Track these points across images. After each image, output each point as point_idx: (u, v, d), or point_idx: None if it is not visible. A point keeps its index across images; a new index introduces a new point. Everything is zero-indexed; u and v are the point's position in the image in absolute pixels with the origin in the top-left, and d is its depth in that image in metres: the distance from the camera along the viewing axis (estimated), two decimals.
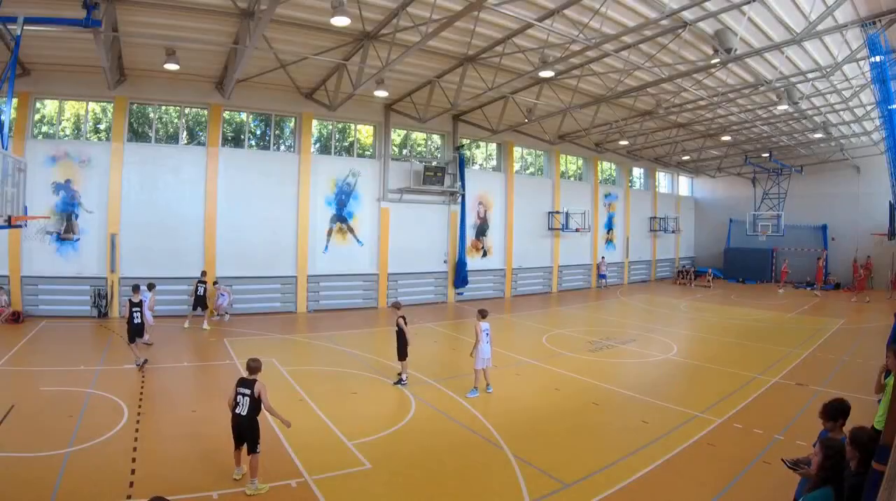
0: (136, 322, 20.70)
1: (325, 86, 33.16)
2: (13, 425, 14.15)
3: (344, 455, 13.17)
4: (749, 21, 22.71)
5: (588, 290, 51.30)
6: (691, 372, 22.32)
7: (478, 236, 43.86)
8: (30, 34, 20.48)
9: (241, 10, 22.63)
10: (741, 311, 38.84)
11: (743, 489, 11.72)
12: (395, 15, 22.86)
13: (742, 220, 57.18)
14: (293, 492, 11.29)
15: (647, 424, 15.62)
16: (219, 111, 33.11)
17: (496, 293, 45.03)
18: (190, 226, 32.23)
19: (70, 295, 29.95)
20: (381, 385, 19.32)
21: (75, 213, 30.12)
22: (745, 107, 37.33)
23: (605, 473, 12.31)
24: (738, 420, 15.93)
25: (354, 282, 37.69)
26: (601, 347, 26.16)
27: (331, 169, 36.70)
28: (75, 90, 30.41)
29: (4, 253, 28.95)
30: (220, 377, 19.92)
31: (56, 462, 12.04)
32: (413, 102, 36.46)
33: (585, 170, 54.14)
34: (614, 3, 21.78)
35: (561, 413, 16.77)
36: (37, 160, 28.80)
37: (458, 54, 28.30)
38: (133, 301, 20.86)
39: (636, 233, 58.88)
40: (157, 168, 31.71)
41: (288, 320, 32.45)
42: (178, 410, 15.54)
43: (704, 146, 49.95)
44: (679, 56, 25.86)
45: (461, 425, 15.55)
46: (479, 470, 12.57)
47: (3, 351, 21.98)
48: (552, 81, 32.32)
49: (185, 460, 12.22)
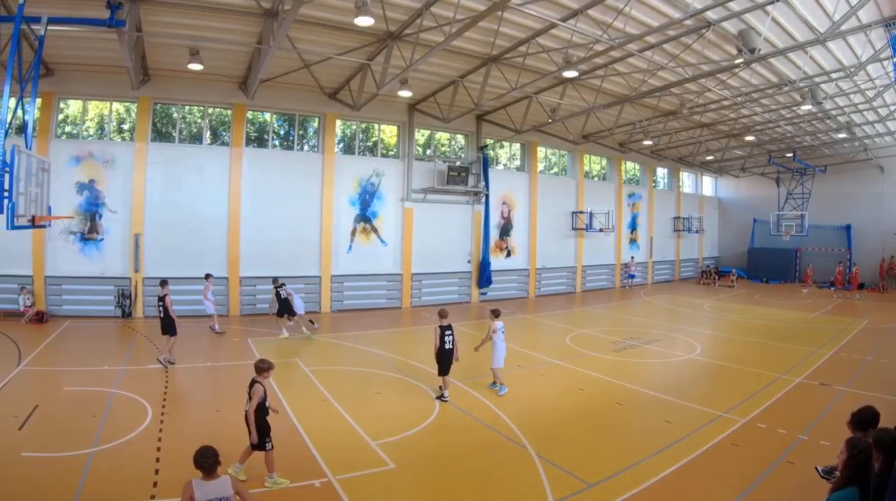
0: (161, 316, 21.15)
1: (348, 86, 33.14)
2: (37, 425, 14.25)
3: (368, 455, 13.16)
4: (773, 21, 22.52)
5: (612, 290, 51.10)
6: (715, 371, 22.21)
7: (502, 236, 43.80)
8: (53, 34, 20.57)
9: (264, 10, 22.68)
10: (765, 311, 38.66)
11: (767, 489, 11.62)
12: (418, 15, 22.87)
13: (766, 220, 57.15)
14: (317, 492, 11.30)
15: (671, 424, 15.56)
16: (243, 111, 33.17)
17: (520, 293, 44.96)
18: (214, 226, 32.33)
19: (94, 295, 30.06)
20: (405, 385, 19.32)
21: (99, 213, 30.28)
22: (769, 108, 37.11)
23: (629, 473, 12.26)
24: (762, 421, 15.83)
25: (378, 282, 37.69)
26: (625, 347, 26.07)
27: (354, 169, 36.72)
28: (99, 90, 30.56)
29: (28, 253, 29.12)
30: (243, 377, 19.60)
31: (80, 462, 12.09)
32: (437, 102, 36.43)
33: (609, 170, 53.93)
34: (638, 3, 21.67)
35: (585, 413, 16.72)
36: (60, 160, 28.97)
37: (481, 54, 28.29)
38: (159, 295, 21.31)
39: (660, 233, 58.64)
40: (180, 168, 31.85)
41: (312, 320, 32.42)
42: (201, 410, 15.58)
43: (728, 146, 49.68)
44: (703, 56, 25.74)
45: (485, 425, 15.50)
46: (502, 470, 12.52)
47: (27, 351, 22.13)
48: (576, 81, 32.24)
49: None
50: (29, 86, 16.02)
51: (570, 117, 37.61)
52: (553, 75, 29.39)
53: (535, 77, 29.95)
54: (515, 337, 27.72)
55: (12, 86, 14.56)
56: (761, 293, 49.54)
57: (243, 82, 32.18)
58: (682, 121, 41.42)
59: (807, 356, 24.39)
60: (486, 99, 32.88)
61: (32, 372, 19.52)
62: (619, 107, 36.10)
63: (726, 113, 39.41)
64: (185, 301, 29.76)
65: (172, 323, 21.17)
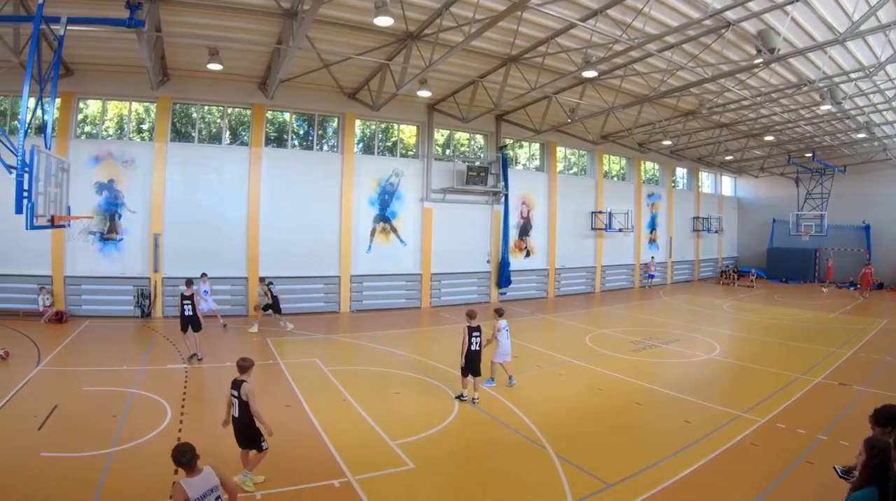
0: (187, 314, 21.49)
1: (368, 86, 33.14)
2: (56, 425, 14.30)
3: (387, 455, 13.17)
4: (792, 21, 22.47)
5: (631, 290, 51.05)
6: (734, 371, 22.10)
7: (521, 236, 43.74)
8: (73, 34, 20.74)
9: (284, 10, 22.69)
10: (784, 311, 38.52)
11: (786, 489, 11.60)
12: (438, 15, 22.85)
13: (785, 220, 57.11)
14: (336, 492, 11.29)
15: (690, 424, 15.52)
16: (262, 111, 33.21)
17: (539, 293, 44.92)
18: (233, 226, 32.40)
19: (113, 295, 30.15)
20: (425, 385, 19.30)
21: (118, 213, 30.39)
22: (789, 108, 36.95)
23: (649, 473, 12.24)
24: (782, 420, 15.79)
25: (398, 282, 37.70)
26: (644, 347, 26.02)
27: (374, 169, 36.72)
28: (118, 90, 30.67)
29: (48, 254, 29.25)
30: (263, 377, 19.81)
31: (99, 462, 12.14)
32: (456, 102, 36.33)
33: (628, 170, 53.80)
34: (657, 3, 21.64)
35: (604, 413, 16.69)
36: (80, 160, 29.06)
37: (501, 54, 28.28)
38: (185, 294, 21.65)
39: (679, 233, 58.46)
40: (199, 168, 31.94)
41: (331, 320, 32.50)
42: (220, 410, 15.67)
43: (748, 146, 49.70)
44: (722, 56, 25.70)
45: (504, 425, 15.47)
46: (522, 470, 12.50)
47: (47, 351, 22.22)
48: (595, 81, 32.17)
49: (228, 460, 12.12)
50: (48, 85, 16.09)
51: (589, 117, 37.66)
52: (572, 75, 29.38)
53: (555, 77, 29.88)
54: (535, 337, 27.93)
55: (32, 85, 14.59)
56: (780, 293, 49.43)
57: (263, 82, 32.19)
58: (701, 121, 41.32)
59: (826, 356, 24.32)
60: (506, 99, 32.77)
61: (52, 372, 19.59)
62: (638, 108, 36.08)
63: (745, 113, 39.31)
64: None
65: (198, 320, 21.71)
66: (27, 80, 14.35)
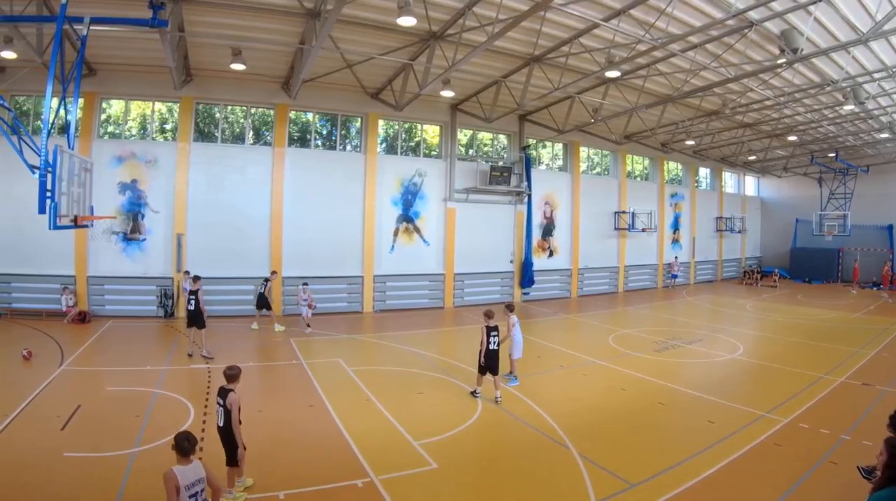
0: (190, 308, 21.92)
1: (391, 86, 33.20)
2: (80, 425, 14.37)
3: (410, 455, 13.17)
4: (815, 21, 22.34)
5: (654, 290, 50.92)
6: (757, 371, 21.97)
7: (544, 236, 43.69)
8: (96, 34, 20.82)
9: (307, 10, 22.74)
10: (807, 311, 38.28)
11: (810, 489, 11.54)
12: (461, 15, 22.86)
13: (808, 220, 56.91)
14: (359, 491, 11.31)
15: (714, 424, 15.46)
16: (285, 111, 33.27)
17: (562, 293, 44.84)
18: (256, 226, 32.46)
19: (136, 294, 30.27)
20: (448, 385, 19.30)
21: (141, 213, 30.52)
22: (812, 108, 36.73)
23: (672, 473, 12.20)
24: (805, 420, 15.72)
25: (421, 282, 37.71)
26: (667, 347, 25.93)
27: (397, 169, 36.76)
28: (141, 90, 30.82)
29: (71, 254, 29.43)
30: (286, 377, 20.06)
31: (122, 462, 12.18)
32: (479, 102, 36.32)
33: (652, 170, 53.66)
34: (680, 3, 21.59)
35: (627, 412, 16.66)
36: (103, 160, 29.26)
37: (524, 54, 28.24)
38: (191, 289, 22.12)
39: (702, 233, 58.24)
40: (223, 168, 32.05)
41: (354, 320, 32.52)
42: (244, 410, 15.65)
43: (771, 146, 49.50)
44: (745, 56, 25.59)
45: (527, 425, 15.44)
46: (545, 470, 12.49)
47: (70, 351, 22.35)
48: (618, 81, 32.13)
49: (251, 460, 12.12)
50: (71, 86, 16.14)
51: (612, 117, 37.59)
52: (595, 75, 29.32)
53: (578, 77, 29.81)
54: (558, 337, 28.04)
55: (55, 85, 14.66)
56: (804, 293, 49.12)
57: (286, 82, 32.25)
58: (724, 121, 41.22)
59: (849, 356, 24.17)
60: (529, 99, 32.73)
61: (75, 372, 19.68)
62: (661, 108, 36.01)
63: (769, 113, 39.08)
64: (228, 300, 30.55)
65: (201, 316, 21.99)
66: (50, 79, 14.42)
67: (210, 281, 29.14)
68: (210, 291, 28.57)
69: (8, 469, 11.73)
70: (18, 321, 27.86)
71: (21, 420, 14.61)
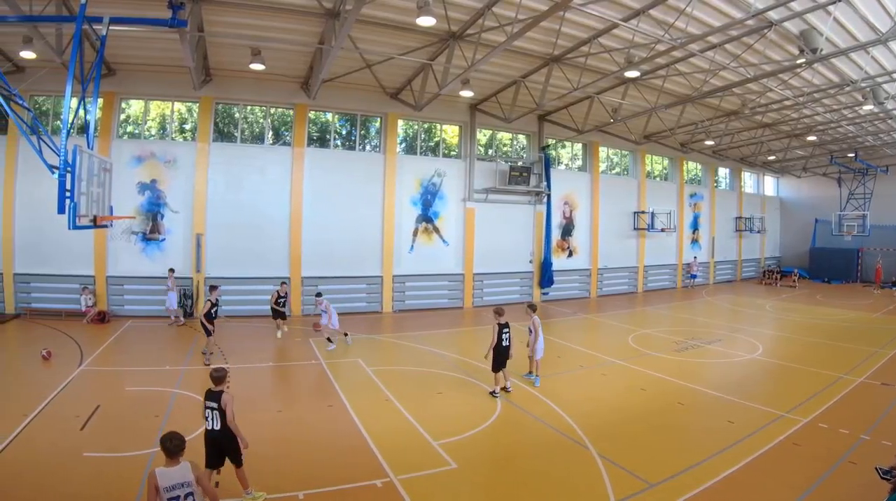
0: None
1: (410, 86, 33.28)
2: (99, 425, 14.45)
3: (429, 454, 13.18)
4: (834, 21, 22.26)
5: (673, 290, 50.77)
6: (777, 371, 21.85)
7: (563, 236, 43.66)
8: (115, 34, 20.90)
9: (326, 10, 22.81)
10: (827, 311, 38.11)
11: (829, 489, 11.50)
12: (480, 15, 22.93)
13: (827, 220, 56.93)
14: (378, 491, 11.32)
15: (733, 424, 15.42)
16: (304, 111, 33.32)
17: (582, 293, 44.76)
18: (275, 227, 32.51)
19: (155, 295, 30.03)
20: (467, 385, 19.28)
21: (161, 213, 30.64)
22: (831, 107, 36.59)
23: (691, 473, 12.17)
24: (824, 420, 15.66)
25: (440, 282, 37.68)
26: (687, 347, 25.83)
27: (416, 169, 36.76)
28: (160, 90, 30.94)
29: (90, 254, 29.58)
30: (305, 377, 20.15)
31: (141, 462, 12.16)
32: (498, 102, 36.28)
33: (671, 170, 53.49)
34: (700, 3, 21.57)
35: (646, 412, 16.62)
36: (122, 160, 29.41)
37: (543, 54, 28.26)
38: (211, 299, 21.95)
39: (722, 233, 58.00)
40: (242, 168, 32.10)
41: (373, 320, 32.50)
42: (263, 411, 15.54)
43: (790, 146, 49.19)
44: (765, 56, 25.58)
45: (547, 425, 15.41)
46: (564, 470, 12.48)
47: (89, 351, 22.41)
48: (638, 81, 32.17)
49: (270, 460, 12.34)
50: (91, 86, 16.21)
51: (631, 117, 37.49)
52: (615, 75, 29.08)
53: (597, 77, 29.65)
54: (578, 337, 28.01)
55: (74, 85, 14.70)
56: (823, 293, 48.90)
57: (305, 82, 32.32)
58: (743, 121, 41.10)
59: (868, 356, 24.05)
60: (548, 99, 32.64)
61: (94, 372, 19.76)
62: (680, 108, 35.87)
63: (788, 113, 38.92)
64: (247, 300, 30.69)
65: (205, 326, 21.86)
66: (69, 79, 14.48)
67: (229, 281, 29.61)
68: (229, 291, 28.96)
69: (28, 468, 11.81)
70: (38, 321, 28.01)
71: (41, 420, 14.69)
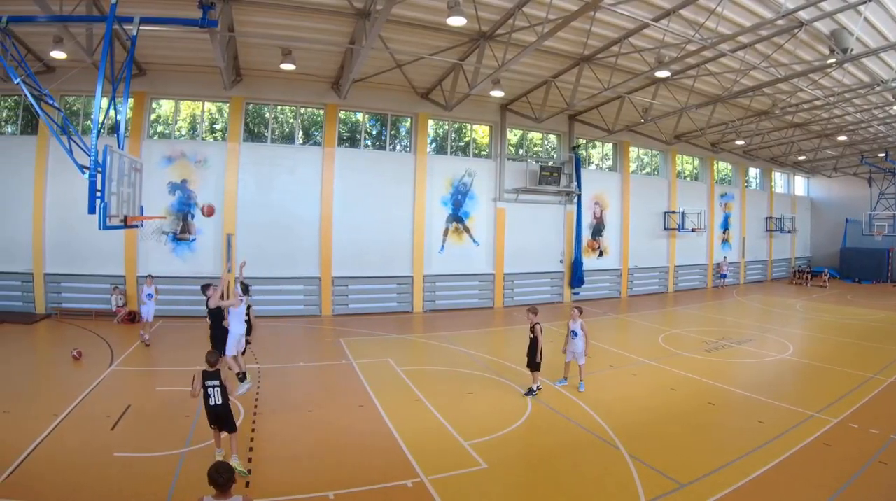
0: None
1: (440, 86, 33.27)
2: (129, 425, 14.49)
3: (460, 455, 13.12)
4: (865, 21, 22.11)
5: (704, 290, 50.45)
6: (807, 371, 21.72)
7: (594, 236, 43.56)
8: (145, 34, 20.90)
9: (357, 10, 22.86)
10: (857, 311, 37.84)
11: (859, 489, 11.36)
12: (511, 15, 22.91)
13: (858, 220, 56.72)
14: (409, 492, 11.27)
15: (763, 424, 15.26)
16: (335, 111, 33.37)
17: (612, 293, 44.63)
18: (306, 227, 32.60)
19: (186, 294, 29.89)
20: (498, 385, 19.23)
21: (191, 213, 30.81)
22: (862, 108, 36.23)
23: (722, 473, 12.06)
24: (854, 420, 15.52)
25: (470, 282, 37.61)
26: (717, 347, 25.68)
27: (447, 169, 36.74)
28: (191, 90, 31.16)
29: (121, 254, 29.83)
30: (337, 377, 20.14)
31: (172, 462, 12.23)
32: (529, 102, 36.34)
33: (701, 170, 53.28)
34: (730, 3, 21.47)
35: (677, 413, 16.52)
36: (153, 160, 29.59)
37: (574, 54, 28.15)
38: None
39: (752, 233, 57.69)
40: (272, 168, 32.21)
41: (404, 320, 32.56)
42: (294, 411, 15.54)
43: (821, 146, 48.71)
44: (795, 56, 25.39)
45: (577, 425, 15.34)
46: (594, 470, 12.41)
47: (119, 351, 22.63)
48: (668, 81, 32.03)
49: (301, 460, 12.39)
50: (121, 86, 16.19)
51: (662, 117, 37.20)
52: (645, 75, 29.11)
53: (628, 77, 29.64)
54: (608, 337, 27.82)
55: (105, 85, 14.75)
56: (853, 293, 48.63)
57: (335, 82, 32.39)
58: (774, 121, 40.85)
59: None
60: (579, 99, 32.56)
61: (124, 372, 19.87)
62: (711, 107, 35.68)
63: (819, 113, 38.58)
64: (278, 301, 30.89)
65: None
66: (100, 79, 14.54)
67: (260, 281, 29.47)
68: (259, 291, 28.83)
69: (58, 468, 11.85)
70: (68, 321, 28.29)
71: (71, 419, 14.76)
